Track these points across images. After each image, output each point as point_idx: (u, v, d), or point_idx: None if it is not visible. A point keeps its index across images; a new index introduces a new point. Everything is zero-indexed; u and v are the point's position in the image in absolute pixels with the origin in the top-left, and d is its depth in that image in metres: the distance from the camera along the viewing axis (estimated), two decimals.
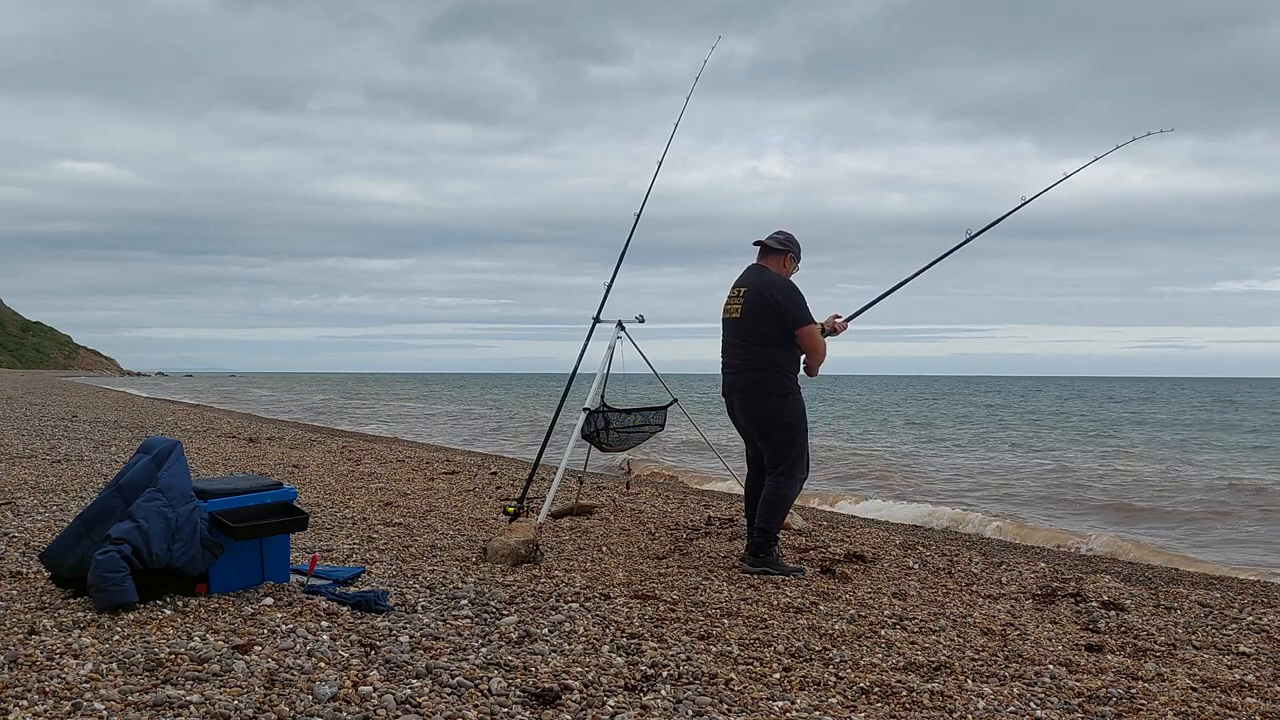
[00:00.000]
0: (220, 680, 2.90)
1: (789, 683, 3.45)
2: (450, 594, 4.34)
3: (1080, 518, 12.24)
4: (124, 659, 3.00)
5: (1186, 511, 12.86)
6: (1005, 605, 5.17)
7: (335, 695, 2.87)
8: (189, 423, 18.70)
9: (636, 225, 6.99)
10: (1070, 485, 15.54)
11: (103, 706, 2.64)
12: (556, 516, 7.17)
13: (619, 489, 9.58)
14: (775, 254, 5.67)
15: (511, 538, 5.33)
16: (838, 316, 5.89)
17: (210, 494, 3.93)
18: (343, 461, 11.57)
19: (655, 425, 6.95)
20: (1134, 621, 4.95)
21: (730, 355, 5.67)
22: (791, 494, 5.61)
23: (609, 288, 6.88)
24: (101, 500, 3.83)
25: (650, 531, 7.01)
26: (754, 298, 5.53)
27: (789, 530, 7.00)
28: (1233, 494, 14.62)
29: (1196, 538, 10.88)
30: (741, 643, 3.91)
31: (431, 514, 7.28)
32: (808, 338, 5.54)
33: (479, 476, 10.59)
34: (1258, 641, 4.69)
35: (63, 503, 6.35)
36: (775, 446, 5.56)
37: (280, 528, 4.12)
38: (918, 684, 3.51)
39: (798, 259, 5.73)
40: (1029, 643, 4.32)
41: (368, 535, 5.98)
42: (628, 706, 3.04)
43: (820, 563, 5.95)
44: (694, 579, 5.22)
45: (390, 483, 9.37)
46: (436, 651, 3.42)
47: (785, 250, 5.67)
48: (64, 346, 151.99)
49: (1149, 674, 3.89)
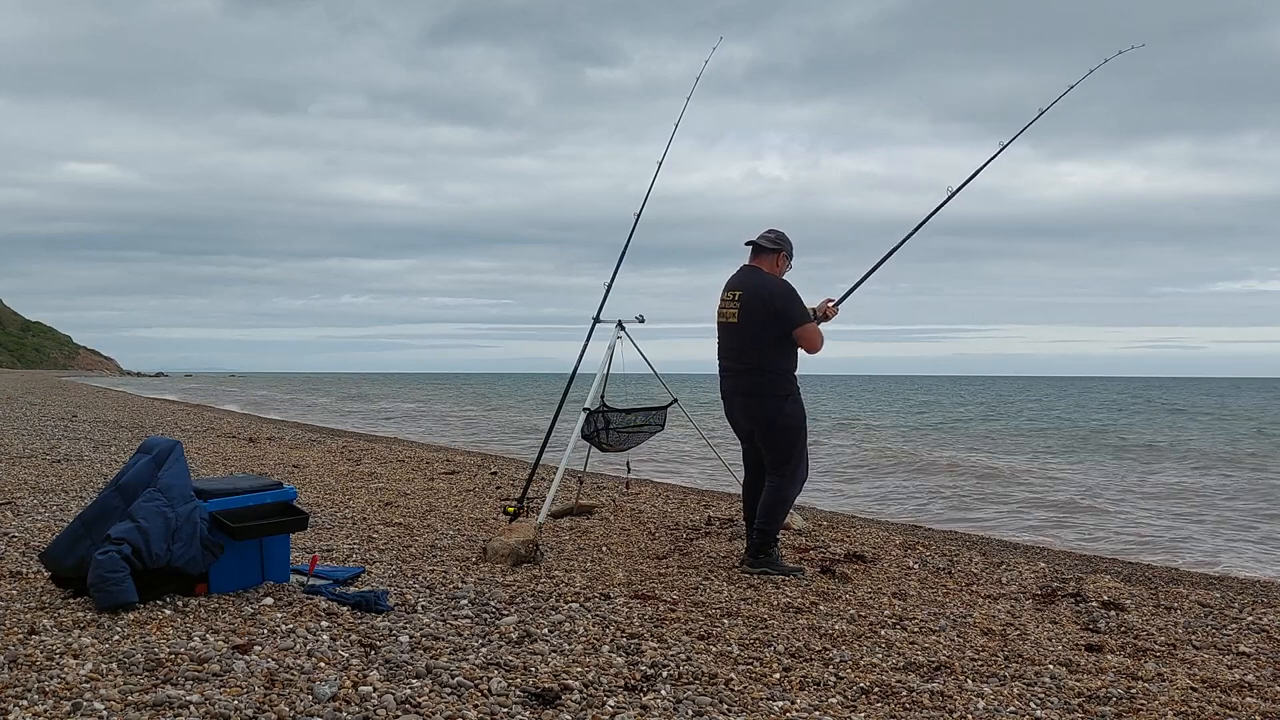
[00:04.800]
0: (220, 680, 2.90)
1: (789, 683, 3.45)
2: (450, 594, 4.34)
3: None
4: (124, 659, 3.00)
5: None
6: (1005, 605, 5.17)
7: (335, 695, 2.87)
8: (189, 423, 18.70)
9: (636, 225, 6.99)
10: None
11: (103, 706, 2.63)
12: (556, 516, 7.17)
13: (619, 489, 9.58)
14: (768, 253, 5.64)
15: (511, 538, 5.33)
16: (830, 301, 5.88)
17: (210, 494, 3.93)
18: (343, 461, 11.57)
19: (655, 425, 6.94)
20: (1134, 621, 4.95)
21: (729, 359, 5.66)
22: (792, 495, 5.61)
23: (609, 288, 6.88)
24: (101, 500, 3.83)
25: (650, 531, 7.01)
26: (750, 302, 5.51)
27: (789, 530, 6.99)
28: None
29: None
30: (741, 643, 3.92)
31: (431, 514, 7.28)
32: (805, 337, 5.54)
33: (479, 476, 10.59)
34: (1258, 641, 4.69)
35: (63, 503, 6.35)
36: (777, 448, 5.56)
37: (280, 528, 4.12)
38: (918, 684, 3.51)
39: (791, 257, 5.70)
40: (1029, 643, 4.32)
41: (368, 535, 5.98)
42: (628, 706, 3.04)
43: (820, 563, 5.95)
44: (694, 579, 5.22)
45: (390, 483, 9.37)
46: (436, 651, 3.42)
47: (778, 249, 5.64)
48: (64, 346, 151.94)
49: (1149, 674, 3.89)
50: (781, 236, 5.68)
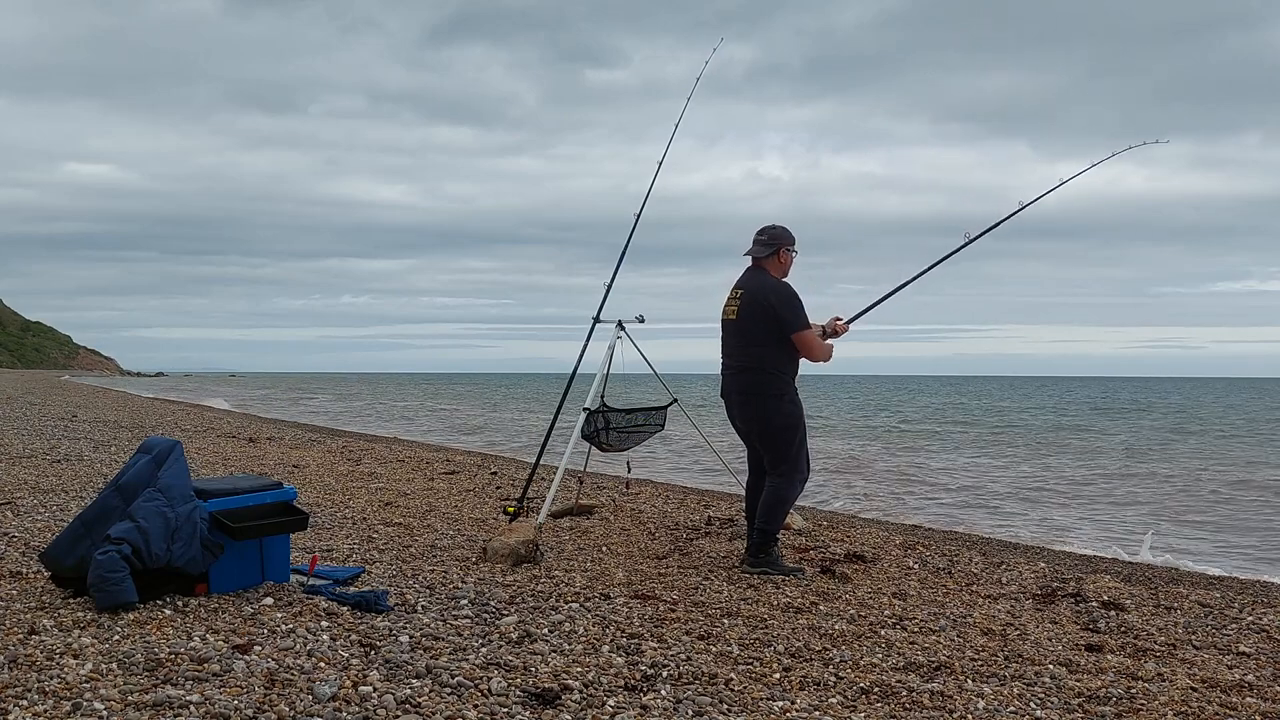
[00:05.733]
0: (220, 680, 2.90)
1: (789, 683, 3.45)
2: (450, 594, 4.34)
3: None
4: (124, 659, 3.00)
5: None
6: (1005, 605, 5.17)
7: (335, 695, 2.87)
8: (189, 423, 18.70)
9: (636, 225, 6.99)
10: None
11: (103, 706, 2.64)
12: (556, 516, 7.17)
13: (619, 489, 9.58)
14: (768, 253, 5.61)
15: (511, 538, 5.33)
16: (838, 319, 5.88)
17: (210, 494, 3.93)
18: (343, 461, 11.57)
19: (655, 425, 6.94)
20: (1134, 621, 4.95)
21: (728, 356, 5.67)
22: (792, 496, 5.60)
23: (609, 288, 6.87)
24: (101, 500, 3.83)
25: (650, 531, 7.01)
26: (750, 301, 5.52)
27: (789, 530, 6.99)
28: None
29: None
30: (741, 643, 3.92)
31: (431, 514, 7.28)
32: (803, 344, 5.52)
33: (479, 476, 10.59)
34: (1258, 641, 4.69)
35: (63, 503, 6.35)
36: (774, 448, 5.55)
37: (280, 528, 4.12)
38: (918, 684, 3.51)
39: (792, 246, 5.64)
40: (1029, 643, 4.32)
41: (368, 535, 5.98)
42: (628, 706, 3.04)
43: (820, 563, 5.94)
44: (694, 579, 5.22)
45: (390, 483, 9.37)
46: (436, 651, 3.42)
47: (775, 247, 5.60)
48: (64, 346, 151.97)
49: (1149, 674, 3.89)
50: (775, 233, 5.62)
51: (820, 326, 5.79)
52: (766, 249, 5.61)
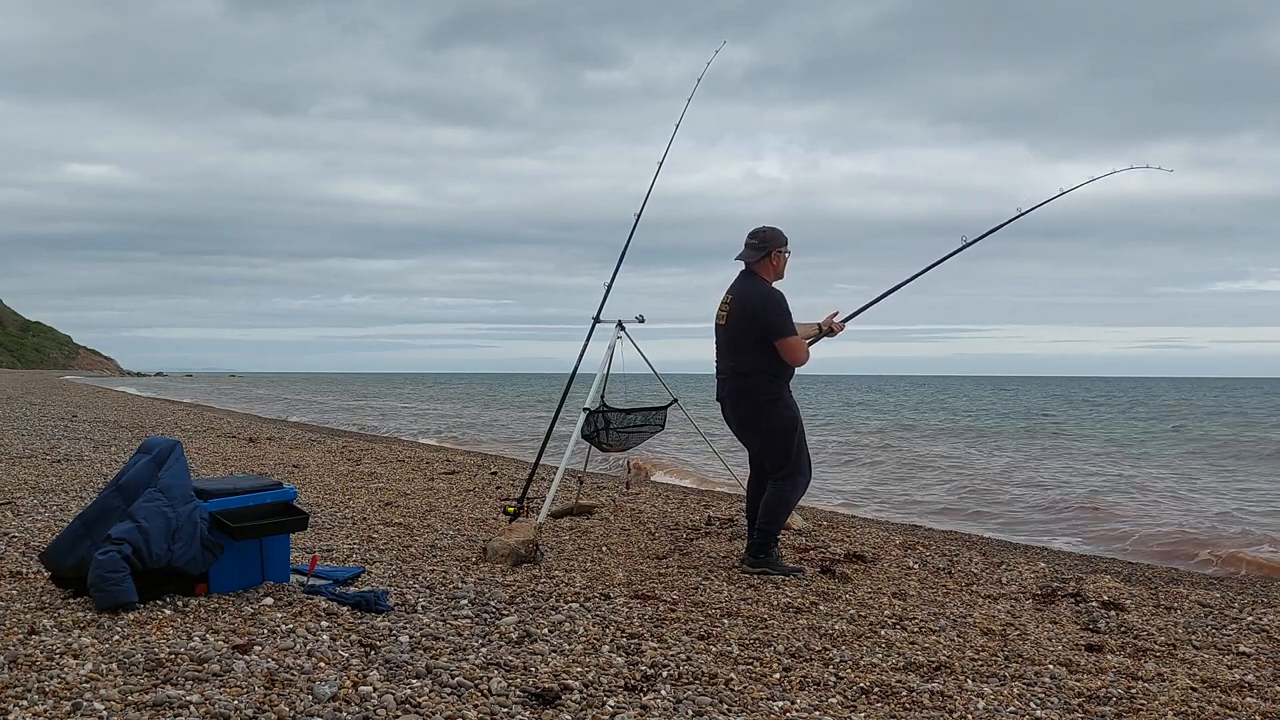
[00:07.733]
0: (220, 680, 2.90)
1: (789, 683, 3.45)
2: (450, 594, 4.34)
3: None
4: (124, 659, 3.00)
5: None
6: (1005, 605, 5.17)
7: (335, 695, 2.87)
8: (189, 423, 18.70)
9: (636, 226, 6.99)
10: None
11: (103, 706, 2.64)
12: (556, 516, 7.17)
13: (619, 489, 9.58)
14: (759, 257, 5.56)
15: (511, 538, 5.33)
16: (835, 316, 5.87)
17: (210, 494, 3.93)
18: (343, 461, 11.57)
19: (655, 425, 6.94)
20: (1134, 621, 4.95)
21: (720, 361, 5.67)
22: (794, 497, 5.59)
23: (609, 288, 6.87)
24: (101, 500, 3.83)
25: (650, 531, 7.01)
26: (739, 306, 5.51)
27: (789, 530, 6.99)
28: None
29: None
30: (741, 643, 3.92)
31: (431, 514, 7.28)
32: (786, 349, 5.46)
33: (479, 476, 10.59)
34: (1258, 641, 4.69)
35: (63, 503, 6.35)
36: (771, 452, 5.54)
37: (280, 528, 4.12)
38: (918, 684, 3.51)
39: (784, 247, 5.59)
40: (1029, 643, 4.32)
41: (368, 535, 5.98)
42: (628, 706, 3.04)
43: (820, 563, 5.94)
44: (694, 579, 5.22)
45: (390, 483, 9.37)
46: (436, 651, 3.42)
47: (766, 249, 5.54)
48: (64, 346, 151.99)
49: (1149, 674, 3.89)
50: (766, 235, 5.56)
51: (817, 324, 5.79)
52: (758, 253, 5.55)
